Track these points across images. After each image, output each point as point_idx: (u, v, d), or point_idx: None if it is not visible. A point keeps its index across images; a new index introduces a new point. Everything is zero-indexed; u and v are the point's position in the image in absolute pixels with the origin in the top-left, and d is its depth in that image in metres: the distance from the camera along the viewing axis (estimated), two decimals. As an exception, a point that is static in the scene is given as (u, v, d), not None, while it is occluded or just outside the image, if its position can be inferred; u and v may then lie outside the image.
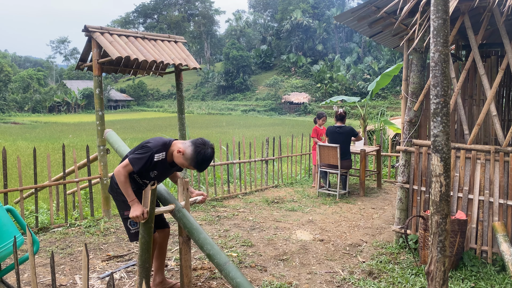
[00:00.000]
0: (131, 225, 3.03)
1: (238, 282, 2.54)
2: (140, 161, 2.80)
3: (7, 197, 4.77)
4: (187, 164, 2.87)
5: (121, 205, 3.06)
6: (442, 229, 1.95)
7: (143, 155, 2.81)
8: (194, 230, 2.86)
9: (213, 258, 2.71)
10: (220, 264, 2.67)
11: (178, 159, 2.88)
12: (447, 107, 1.94)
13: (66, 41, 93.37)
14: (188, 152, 2.83)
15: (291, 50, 68.41)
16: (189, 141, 2.89)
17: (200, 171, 2.94)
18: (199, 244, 2.81)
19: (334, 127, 7.23)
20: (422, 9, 3.79)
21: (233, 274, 2.59)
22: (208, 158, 2.85)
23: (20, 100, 53.58)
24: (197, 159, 2.81)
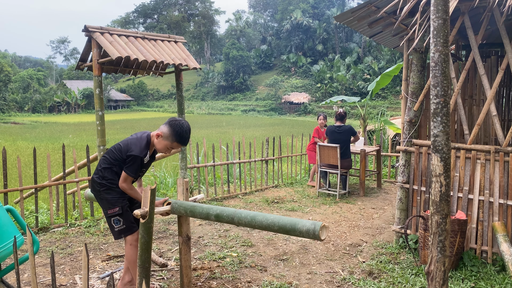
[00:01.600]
0: (114, 223, 3.06)
1: (252, 216, 2.54)
2: (134, 169, 2.98)
3: (7, 197, 4.77)
4: (170, 143, 2.98)
5: (104, 204, 3.08)
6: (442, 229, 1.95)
7: (135, 164, 2.97)
8: (194, 206, 2.87)
9: (221, 215, 2.69)
10: (230, 214, 2.65)
11: (160, 144, 3.00)
12: (447, 107, 1.94)
13: (66, 41, 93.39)
14: (166, 131, 2.97)
15: (291, 50, 68.40)
16: (161, 125, 3.03)
17: (183, 143, 3.01)
18: (204, 213, 2.79)
19: (334, 126, 7.23)
20: (422, 9, 3.79)
21: (245, 214, 2.59)
22: (186, 127, 2.99)
23: (20, 100, 53.57)
24: (176, 131, 2.95)
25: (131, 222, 3.10)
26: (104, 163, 3.07)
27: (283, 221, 2.40)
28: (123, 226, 3.08)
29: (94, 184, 3.11)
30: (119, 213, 3.05)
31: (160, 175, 8.25)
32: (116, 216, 3.05)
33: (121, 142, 3.06)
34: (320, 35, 65.51)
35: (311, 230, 2.24)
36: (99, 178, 3.07)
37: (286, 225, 2.37)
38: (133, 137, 3.09)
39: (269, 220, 2.44)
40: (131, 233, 3.09)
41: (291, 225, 2.34)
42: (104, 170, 3.06)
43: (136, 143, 2.99)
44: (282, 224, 2.39)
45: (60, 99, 57.75)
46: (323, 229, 2.25)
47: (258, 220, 2.50)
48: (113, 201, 3.05)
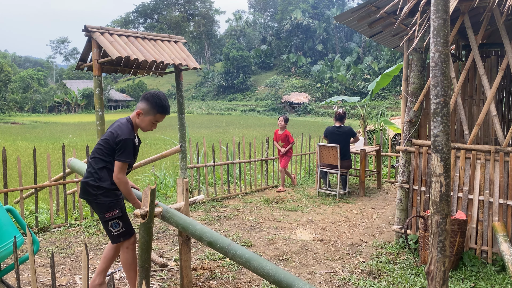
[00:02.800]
0: (113, 227, 2.93)
1: (247, 258, 2.45)
2: (129, 154, 2.85)
3: (7, 197, 4.77)
4: (153, 116, 2.91)
5: (101, 207, 2.92)
6: (442, 229, 1.95)
7: (127, 148, 2.84)
8: (188, 224, 2.83)
9: (215, 244, 2.63)
10: (224, 247, 2.58)
11: (143, 122, 2.93)
12: (447, 107, 1.94)
13: (66, 41, 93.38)
14: (144, 106, 2.90)
15: (291, 50, 68.42)
16: (137, 103, 2.98)
17: (166, 112, 2.94)
18: (197, 236, 2.74)
19: (333, 127, 7.22)
20: (422, 9, 3.79)
21: (240, 252, 2.50)
22: (162, 96, 2.93)
23: (20, 100, 53.58)
24: (155, 102, 2.89)
25: (129, 225, 3.02)
26: (97, 164, 2.91)
27: (279, 276, 2.19)
28: (122, 229, 2.96)
29: (88, 188, 2.92)
30: (118, 216, 2.93)
31: (160, 175, 8.25)
32: (114, 219, 2.93)
33: (105, 136, 2.90)
34: (320, 35, 65.55)
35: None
36: (94, 180, 2.89)
37: (282, 282, 2.17)
38: (115, 124, 2.95)
39: (265, 270, 2.27)
40: (129, 237, 3.00)
41: (287, 284, 2.14)
42: (100, 170, 2.90)
43: (122, 127, 2.88)
44: (277, 279, 2.18)
45: (60, 99, 57.77)
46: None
47: (253, 266, 2.36)
48: (112, 204, 2.92)
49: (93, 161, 2.94)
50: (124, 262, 3.02)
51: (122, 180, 2.85)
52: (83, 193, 2.98)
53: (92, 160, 2.95)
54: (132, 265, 3.00)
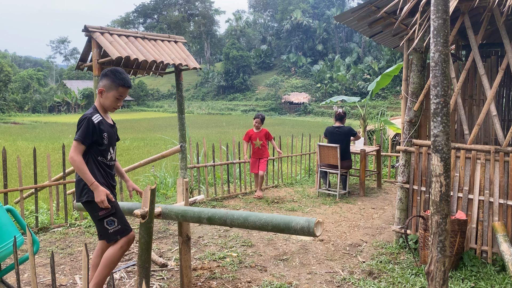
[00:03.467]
0: (108, 225, 2.79)
1: (244, 216, 2.49)
2: (86, 132, 2.71)
3: (7, 197, 4.77)
4: (116, 91, 2.81)
5: (93, 206, 2.79)
6: (442, 229, 1.95)
7: (83, 125, 2.72)
8: (186, 210, 2.82)
9: (214, 217, 2.63)
10: (222, 216, 2.59)
11: (107, 99, 2.83)
12: (447, 107, 1.94)
13: (66, 41, 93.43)
14: (105, 83, 2.81)
15: (291, 50, 68.44)
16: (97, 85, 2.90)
17: (128, 84, 2.85)
18: (196, 217, 2.72)
19: (333, 127, 7.22)
20: (422, 9, 3.79)
21: (237, 215, 2.53)
22: (120, 70, 2.85)
23: (20, 100, 53.58)
24: (115, 76, 2.80)
25: (125, 221, 2.88)
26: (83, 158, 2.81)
27: (277, 220, 2.35)
28: (118, 226, 2.82)
29: (77, 187, 2.84)
30: (112, 212, 2.79)
31: (160, 175, 8.25)
32: (109, 216, 2.79)
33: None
34: (320, 35, 65.56)
35: (306, 227, 2.19)
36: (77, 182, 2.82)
37: (280, 224, 2.32)
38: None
39: (262, 220, 2.39)
40: (126, 234, 2.84)
41: (285, 223, 2.29)
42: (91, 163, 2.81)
43: (86, 111, 2.82)
44: (275, 223, 2.34)
45: (60, 99, 57.77)
46: (317, 225, 2.20)
47: (251, 221, 2.45)
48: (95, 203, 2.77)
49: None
50: (107, 258, 2.80)
51: (74, 159, 2.68)
52: (76, 196, 2.87)
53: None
54: (112, 265, 2.81)
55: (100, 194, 2.70)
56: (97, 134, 2.76)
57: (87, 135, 2.72)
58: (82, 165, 2.70)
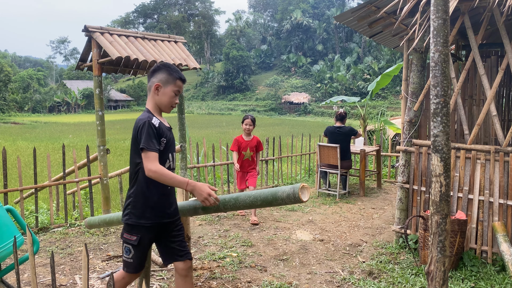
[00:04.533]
0: (125, 251, 2.51)
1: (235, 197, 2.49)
2: (151, 137, 2.36)
3: (7, 197, 4.77)
4: (173, 84, 2.50)
5: (124, 226, 2.54)
6: (442, 229, 1.95)
7: (145, 131, 2.35)
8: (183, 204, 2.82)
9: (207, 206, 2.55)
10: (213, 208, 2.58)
11: (165, 94, 2.49)
12: (447, 107, 1.94)
13: (66, 41, 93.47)
14: (161, 76, 2.48)
15: (291, 50, 68.44)
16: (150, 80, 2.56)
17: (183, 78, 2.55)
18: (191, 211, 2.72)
19: (334, 127, 7.22)
20: (422, 9, 3.79)
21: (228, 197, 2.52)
22: (167, 63, 2.61)
23: (20, 100, 53.58)
24: (169, 68, 2.52)
25: (141, 262, 2.54)
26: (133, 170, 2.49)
27: (264, 193, 2.37)
28: (131, 260, 2.50)
29: (125, 207, 2.53)
30: (133, 244, 2.46)
31: (160, 175, 8.24)
32: (129, 244, 2.47)
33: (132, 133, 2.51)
34: (320, 35, 65.56)
35: (291, 194, 2.20)
36: (128, 197, 2.52)
37: (268, 196, 2.34)
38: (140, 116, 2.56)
39: (252, 197, 2.41)
40: (131, 272, 2.53)
41: (272, 194, 2.31)
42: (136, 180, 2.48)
43: (139, 117, 2.48)
44: (264, 196, 2.36)
45: (60, 99, 57.78)
46: (303, 190, 2.19)
47: (242, 200, 2.45)
48: (135, 226, 2.46)
49: (130, 171, 2.54)
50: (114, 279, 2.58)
51: (154, 170, 2.31)
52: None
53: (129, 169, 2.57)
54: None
55: (202, 190, 2.34)
56: (158, 139, 2.42)
57: (153, 140, 2.36)
58: (164, 172, 2.33)
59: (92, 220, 3.57)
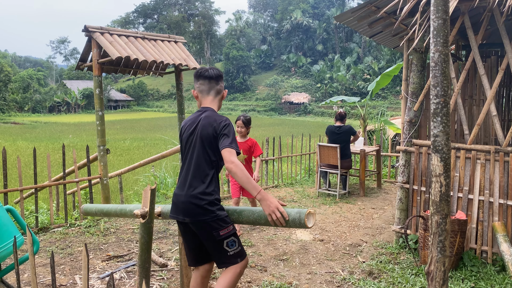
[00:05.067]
0: (229, 246, 2.40)
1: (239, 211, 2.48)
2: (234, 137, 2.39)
3: (7, 197, 4.77)
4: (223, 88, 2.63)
5: (216, 225, 2.39)
6: (442, 229, 1.95)
7: (232, 131, 2.38)
8: None
9: None
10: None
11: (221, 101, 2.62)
12: (447, 107, 1.94)
13: (66, 41, 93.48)
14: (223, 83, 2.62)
15: (291, 50, 68.46)
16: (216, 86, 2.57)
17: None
18: None
19: (334, 127, 7.23)
20: (422, 9, 3.79)
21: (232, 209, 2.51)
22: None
23: (20, 100, 53.59)
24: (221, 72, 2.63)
25: (241, 242, 2.53)
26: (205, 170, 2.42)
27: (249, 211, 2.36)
28: (239, 248, 2.44)
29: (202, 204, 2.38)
30: (234, 231, 2.43)
31: (160, 175, 8.25)
32: (231, 236, 2.41)
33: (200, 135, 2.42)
34: (320, 35, 65.58)
35: (297, 219, 2.16)
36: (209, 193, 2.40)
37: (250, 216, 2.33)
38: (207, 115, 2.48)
39: (256, 214, 2.37)
40: (244, 257, 2.47)
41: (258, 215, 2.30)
42: (211, 178, 2.43)
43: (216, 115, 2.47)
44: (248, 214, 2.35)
45: (60, 99, 57.79)
46: (309, 217, 2.16)
47: (245, 215, 2.43)
48: (227, 217, 2.42)
49: (197, 168, 2.44)
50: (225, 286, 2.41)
51: (237, 164, 2.27)
52: (193, 213, 2.40)
53: (194, 167, 2.45)
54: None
55: (273, 201, 2.24)
56: None
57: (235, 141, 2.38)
58: (244, 168, 2.29)
59: (89, 208, 3.54)
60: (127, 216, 3.12)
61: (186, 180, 2.46)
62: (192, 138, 2.49)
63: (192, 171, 2.45)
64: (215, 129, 2.39)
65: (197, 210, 2.38)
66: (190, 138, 2.50)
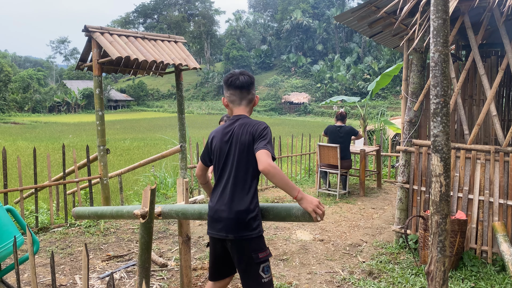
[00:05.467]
0: (264, 272, 2.24)
1: None
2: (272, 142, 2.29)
3: (7, 197, 4.77)
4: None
5: (256, 244, 2.25)
6: (442, 229, 1.95)
7: (270, 136, 2.25)
8: (186, 207, 2.81)
9: None
10: None
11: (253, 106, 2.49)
12: (447, 107, 1.94)
13: (66, 41, 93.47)
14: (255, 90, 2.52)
15: (291, 50, 68.47)
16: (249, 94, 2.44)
17: None
18: (196, 214, 2.69)
19: (335, 126, 7.22)
20: (422, 9, 3.79)
21: None
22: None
23: (20, 100, 53.57)
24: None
25: None
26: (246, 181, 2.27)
27: (277, 208, 2.34)
28: (271, 275, 2.29)
29: (247, 219, 2.22)
30: (270, 256, 2.30)
31: (160, 175, 8.25)
32: (267, 261, 2.27)
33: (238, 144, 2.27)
34: (320, 35, 65.59)
35: (307, 213, 2.17)
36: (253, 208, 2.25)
37: (281, 212, 2.30)
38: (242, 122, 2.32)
39: (263, 209, 2.36)
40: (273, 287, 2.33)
41: (286, 210, 2.28)
42: (255, 189, 2.30)
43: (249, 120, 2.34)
44: (277, 211, 2.33)
45: (60, 99, 57.77)
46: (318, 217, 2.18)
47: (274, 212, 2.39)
48: (263, 236, 2.28)
49: (238, 180, 2.28)
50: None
51: (276, 167, 2.14)
52: (237, 229, 2.23)
53: (235, 179, 2.28)
54: None
55: (313, 199, 2.16)
56: None
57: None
58: (281, 171, 2.19)
59: (81, 211, 3.45)
60: (124, 218, 3.11)
61: (226, 193, 2.28)
62: (228, 147, 2.31)
63: (233, 183, 2.27)
64: (252, 134, 2.25)
65: (242, 226, 2.22)
66: (226, 147, 2.31)
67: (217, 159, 2.37)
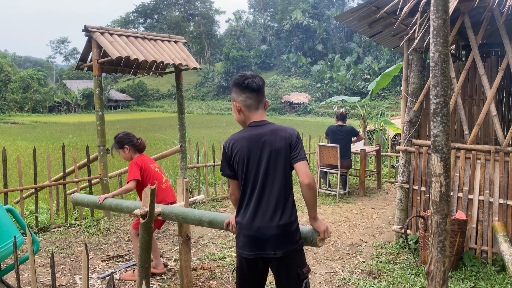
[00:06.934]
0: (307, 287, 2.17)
1: None
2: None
3: (7, 197, 4.77)
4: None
5: (299, 259, 2.14)
6: (442, 229, 1.95)
7: (301, 141, 2.14)
8: (187, 212, 2.81)
9: (215, 221, 2.59)
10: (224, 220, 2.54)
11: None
12: (447, 107, 1.94)
13: (66, 41, 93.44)
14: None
15: (291, 50, 68.45)
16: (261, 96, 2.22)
17: None
18: (197, 220, 2.70)
19: (335, 126, 7.22)
20: (422, 9, 3.79)
21: None
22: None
23: (20, 100, 53.56)
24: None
25: None
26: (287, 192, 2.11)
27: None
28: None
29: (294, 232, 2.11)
30: (309, 271, 2.21)
31: (160, 175, 8.24)
32: (308, 276, 2.17)
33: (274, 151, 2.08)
34: (320, 35, 65.56)
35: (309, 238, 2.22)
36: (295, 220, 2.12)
37: None
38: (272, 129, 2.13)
39: None
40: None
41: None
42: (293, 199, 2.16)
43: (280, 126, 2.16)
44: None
45: (60, 99, 57.76)
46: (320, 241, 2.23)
47: None
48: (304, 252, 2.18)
49: (277, 192, 2.08)
50: None
51: (314, 181, 2.04)
52: (285, 245, 2.08)
53: (272, 191, 2.09)
54: None
55: (324, 222, 2.16)
56: None
57: None
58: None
59: (80, 198, 3.47)
60: (122, 212, 3.12)
61: (265, 207, 2.07)
62: (259, 155, 2.09)
63: (271, 194, 2.07)
64: (288, 141, 2.07)
65: (288, 240, 2.07)
66: (256, 156, 2.09)
67: (245, 169, 2.11)
